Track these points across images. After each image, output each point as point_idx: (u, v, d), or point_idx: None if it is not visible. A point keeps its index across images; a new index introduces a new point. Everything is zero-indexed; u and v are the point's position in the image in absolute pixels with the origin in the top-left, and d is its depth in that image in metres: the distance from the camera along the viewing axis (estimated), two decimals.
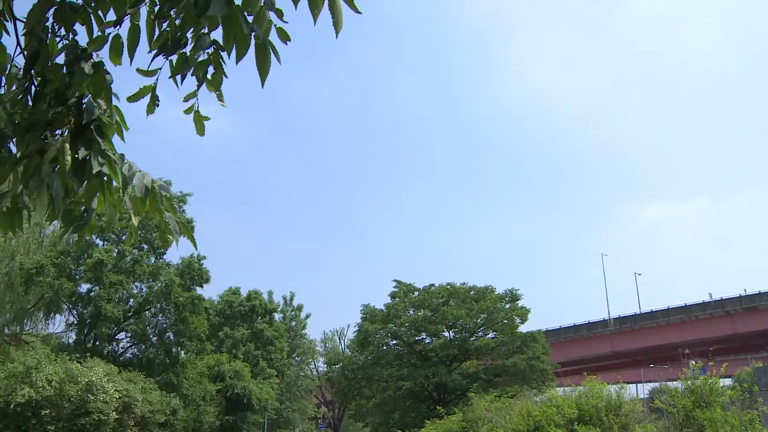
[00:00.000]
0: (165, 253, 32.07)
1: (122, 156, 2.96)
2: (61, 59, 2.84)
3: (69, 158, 2.69)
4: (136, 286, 30.85)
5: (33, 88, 2.97)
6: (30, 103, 2.98)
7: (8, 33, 3.03)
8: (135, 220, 2.97)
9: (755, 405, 13.79)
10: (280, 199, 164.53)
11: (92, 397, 18.74)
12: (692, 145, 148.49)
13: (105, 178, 2.81)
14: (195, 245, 3.23)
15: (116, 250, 30.19)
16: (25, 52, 2.93)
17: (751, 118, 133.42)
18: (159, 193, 3.00)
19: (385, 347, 35.78)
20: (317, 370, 69.90)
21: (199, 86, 2.87)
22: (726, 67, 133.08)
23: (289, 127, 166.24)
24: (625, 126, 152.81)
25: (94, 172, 2.70)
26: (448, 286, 34.82)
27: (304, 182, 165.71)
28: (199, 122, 3.10)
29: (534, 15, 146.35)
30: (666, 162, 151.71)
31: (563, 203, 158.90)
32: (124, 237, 30.86)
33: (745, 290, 58.02)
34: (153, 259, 31.40)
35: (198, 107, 3.07)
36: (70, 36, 2.85)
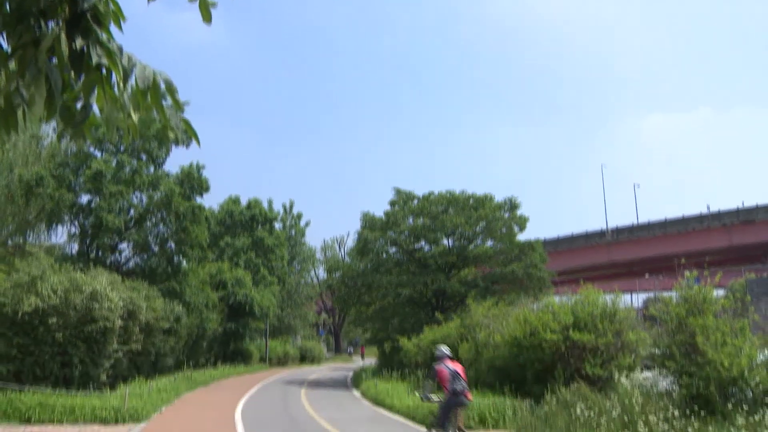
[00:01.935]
0: (164, 163, 31.96)
1: (121, 47, 2.84)
2: None
3: (66, 49, 2.57)
4: (136, 196, 30.80)
5: None
6: None
7: None
8: (135, 117, 2.86)
9: (746, 314, 14.07)
10: (276, 108, 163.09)
11: (97, 305, 19.02)
12: (695, 55, 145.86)
13: (104, 71, 2.71)
14: (198, 141, 3.14)
15: (115, 161, 30.02)
16: None
17: (759, 30, 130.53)
18: (161, 85, 2.89)
19: (384, 255, 36.15)
20: (317, 278, 71.15)
21: None
22: None
23: (284, 33, 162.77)
24: (625, 36, 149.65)
25: (93, 63, 2.59)
26: (448, 194, 34.85)
27: (300, 90, 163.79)
28: (205, 8, 2.92)
29: None
30: (668, 73, 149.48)
31: (562, 114, 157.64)
32: (123, 148, 30.63)
33: (743, 203, 58.29)
34: (152, 169, 31.26)
35: None
36: None
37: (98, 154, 30.45)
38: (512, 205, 34.50)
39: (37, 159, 29.67)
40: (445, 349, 11.47)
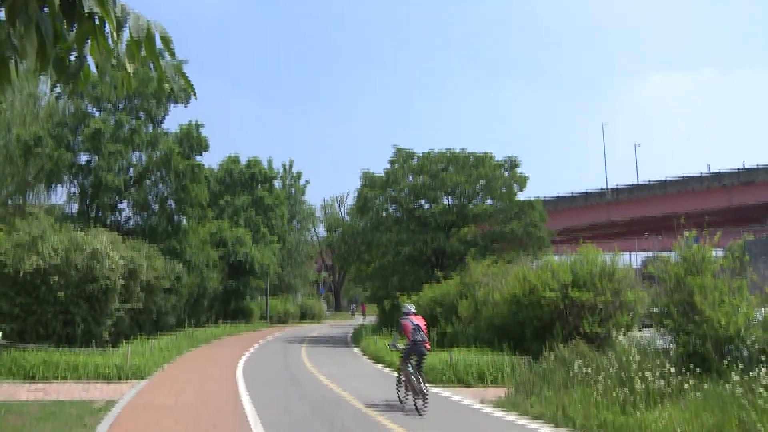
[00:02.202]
0: (163, 122, 31.75)
1: None
2: None
3: None
4: (135, 155, 30.67)
5: None
6: None
7: None
8: (129, 68, 2.79)
9: (744, 274, 14.12)
10: (275, 68, 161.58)
11: (98, 265, 19.06)
12: (700, 15, 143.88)
13: (97, 21, 2.64)
14: (194, 92, 3.09)
15: (113, 120, 29.78)
16: None
17: None
18: (156, 36, 2.82)
19: (384, 213, 36.13)
20: (317, 237, 71.34)
21: None
22: None
23: None
24: None
25: (85, 11, 2.51)
26: (448, 153, 34.69)
27: (298, 50, 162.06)
28: None
29: None
30: (671, 32, 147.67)
31: (563, 73, 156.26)
32: (120, 107, 30.40)
33: (743, 163, 58.22)
34: (151, 128, 31.05)
35: None
36: None
37: (96, 113, 30.23)
38: (512, 164, 34.39)
39: (34, 119, 29.45)
40: (410, 306, 13.20)
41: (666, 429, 8.94)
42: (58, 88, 28.77)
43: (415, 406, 11.74)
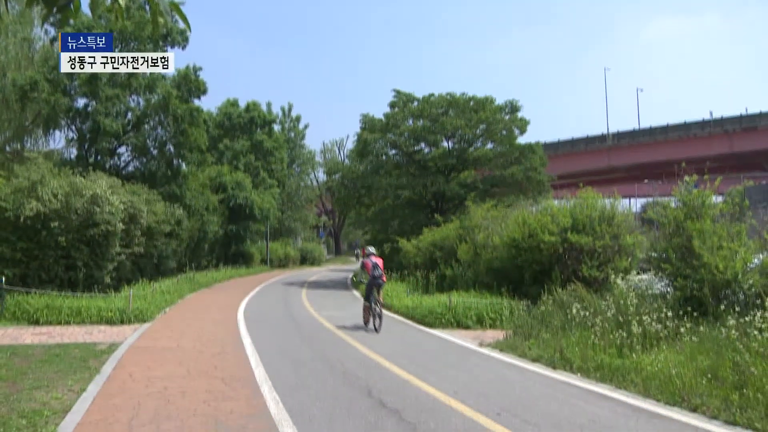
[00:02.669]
0: None
1: None
2: None
3: None
4: (133, 100, 30.39)
5: None
6: None
7: None
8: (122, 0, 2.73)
9: (743, 219, 14.09)
10: (275, 9, 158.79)
11: (98, 209, 19.03)
12: None
13: None
14: (188, 25, 3.06)
15: None
16: None
17: None
18: None
19: (384, 157, 36.04)
20: (317, 181, 71.33)
21: None
22: None
23: None
24: None
25: None
26: (448, 96, 34.39)
27: None
28: None
29: None
30: None
31: (564, 16, 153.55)
32: (117, 50, 29.91)
33: (746, 109, 57.75)
34: (148, 72, 30.66)
35: None
36: None
37: None
38: (513, 108, 34.14)
39: (30, 63, 29.02)
40: (371, 249, 16.41)
41: (661, 371, 9.06)
42: (53, 31, 28.36)
43: (374, 326, 15.04)
